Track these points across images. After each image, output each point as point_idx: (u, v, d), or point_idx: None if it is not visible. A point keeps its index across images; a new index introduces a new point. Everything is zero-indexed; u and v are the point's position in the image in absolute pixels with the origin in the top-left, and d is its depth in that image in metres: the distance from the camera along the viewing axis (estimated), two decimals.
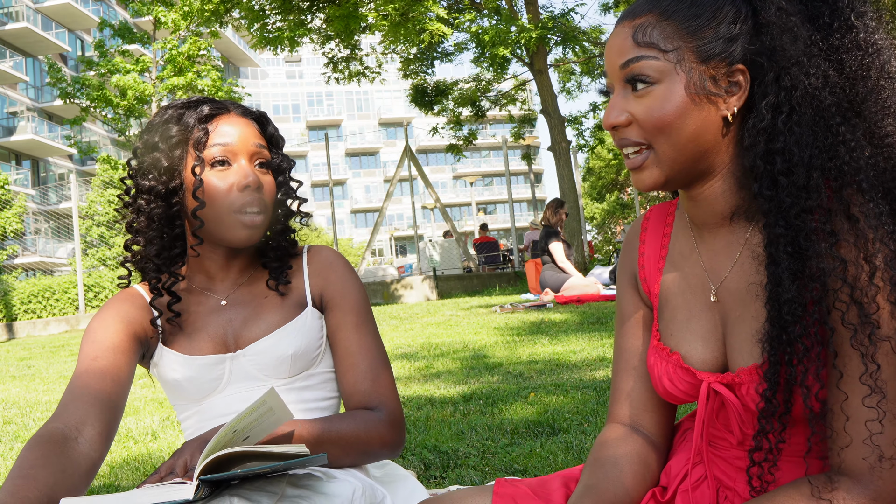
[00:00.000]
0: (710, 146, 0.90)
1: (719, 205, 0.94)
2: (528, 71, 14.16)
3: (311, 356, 1.31)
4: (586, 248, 14.69)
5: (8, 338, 10.79)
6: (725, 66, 0.88)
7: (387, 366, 1.34)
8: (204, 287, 1.35)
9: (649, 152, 0.91)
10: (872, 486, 0.80)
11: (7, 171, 31.12)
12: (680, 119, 0.88)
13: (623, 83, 0.92)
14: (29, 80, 35.19)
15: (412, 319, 7.17)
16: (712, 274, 0.97)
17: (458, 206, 52.45)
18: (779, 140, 0.85)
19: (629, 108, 0.91)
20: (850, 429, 0.82)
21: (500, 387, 3.38)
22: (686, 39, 0.88)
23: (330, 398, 1.35)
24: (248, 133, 1.30)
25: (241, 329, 1.31)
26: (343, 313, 1.33)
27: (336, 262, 1.38)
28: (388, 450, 1.28)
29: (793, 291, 0.83)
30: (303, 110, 56.20)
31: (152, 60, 19.46)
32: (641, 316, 1.08)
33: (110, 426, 1.18)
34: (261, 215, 1.27)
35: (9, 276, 15.66)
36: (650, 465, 1.03)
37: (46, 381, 5.24)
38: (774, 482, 0.91)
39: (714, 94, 0.88)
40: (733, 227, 0.95)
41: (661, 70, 0.88)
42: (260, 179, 1.28)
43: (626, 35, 0.91)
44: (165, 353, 1.31)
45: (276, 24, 13.25)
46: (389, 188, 14.03)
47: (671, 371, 0.99)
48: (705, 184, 0.94)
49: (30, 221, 27.32)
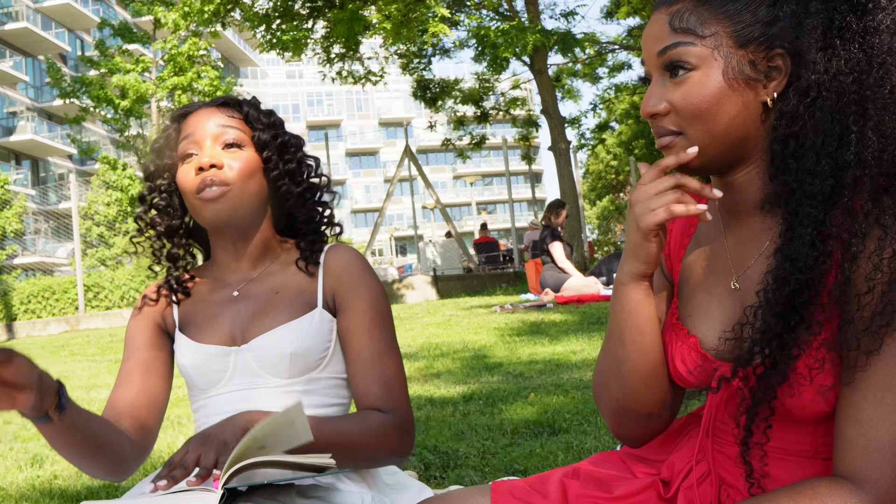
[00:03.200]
0: (747, 133, 0.89)
1: (751, 192, 0.93)
2: (529, 70, 14.17)
3: (315, 358, 1.29)
4: (586, 248, 14.69)
5: (7, 338, 10.78)
6: (764, 50, 0.86)
7: (400, 371, 1.32)
8: (220, 277, 1.38)
9: (679, 137, 0.91)
10: (874, 492, 0.79)
11: (7, 170, 31.09)
12: (717, 105, 0.87)
13: (661, 70, 0.91)
14: (29, 79, 35.19)
15: (412, 319, 7.17)
16: (736, 261, 0.97)
17: (458, 206, 52.43)
18: (797, 124, 0.84)
19: (667, 96, 0.90)
20: (855, 432, 0.81)
21: (500, 387, 3.38)
22: (723, 24, 0.87)
23: (335, 405, 1.32)
24: (212, 120, 1.32)
25: (249, 323, 1.31)
26: (354, 316, 1.31)
27: (353, 262, 1.36)
28: (397, 456, 1.27)
29: (785, 277, 0.83)
30: (303, 110, 56.19)
31: (152, 60, 19.45)
32: (663, 291, 1.08)
33: (151, 419, 1.35)
34: (216, 188, 1.27)
35: (8, 276, 15.65)
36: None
37: None
38: (768, 477, 0.91)
39: (753, 78, 0.87)
40: (763, 217, 0.93)
41: (698, 56, 0.88)
42: (221, 157, 1.29)
43: (663, 22, 0.90)
44: (179, 338, 1.35)
45: (282, 28, 13.23)
46: (389, 188, 14.03)
47: (685, 353, 0.98)
48: (740, 171, 0.92)
49: (30, 221, 27.33)
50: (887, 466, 0.79)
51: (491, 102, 16.71)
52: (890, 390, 0.79)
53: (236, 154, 1.31)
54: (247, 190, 1.30)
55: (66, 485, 2.37)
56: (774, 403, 0.87)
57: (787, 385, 0.85)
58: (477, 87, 15.94)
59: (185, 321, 1.37)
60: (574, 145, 15.80)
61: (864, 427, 0.80)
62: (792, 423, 0.90)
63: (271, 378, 1.28)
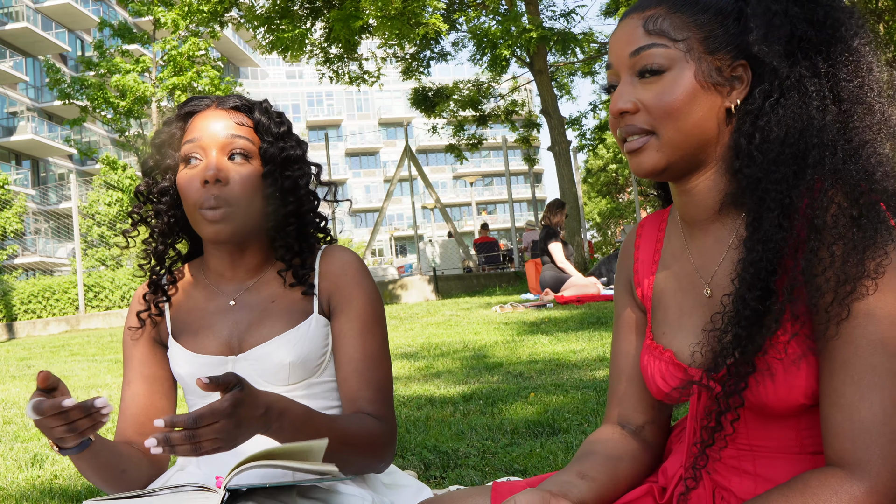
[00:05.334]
0: (711, 136, 0.93)
1: (711, 197, 0.97)
2: (529, 71, 14.17)
3: (314, 364, 1.28)
4: (586, 248, 14.69)
5: (8, 338, 10.79)
6: (730, 59, 0.92)
7: (390, 378, 1.31)
8: (215, 285, 1.34)
9: (651, 137, 0.93)
10: (865, 474, 0.80)
11: (7, 171, 31.10)
12: (688, 105, 0.91)
13: (631, 72, 0.95)
14: (29, 80, 35.18)
15: (412, 319, 7.17)
16: (703, 270, 1.00)
17: (458, 206, 52.42)
18: (762, 119, 0.90)
19: (637, 96, 0.93)
20: (839, 417, 0.82)
21: (500, 387, 3.38)
22: (694, 31, 0.92)
23: (333, 408, 1.32)
24: (221, 124, 1.26)
25: (245, 332, 1.30)
26: (348, 319, 1.29)
27: (349, 265, 1.33)
28: (378, 461, 1.25)
29: (758, 259, 0.87)
30: (303, 110, 56.18)
31: (152, 60, 19.45)
32: (636, 321, 1.11)
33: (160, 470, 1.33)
34: (219, 210, 1.22)
35: (9, 276, 15.66)
36: (643, 463, 1.04)
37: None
38: (762, 477, 0.92)
39: (720, 83, 0.92)
40: (723, 221, 0.97)
41: (671, 58, 0.92)
42: (227, 171, 1.23)
43: (636, 25, 0.94)
44: (174, 347, 1.33)
45: (280, 28, 13.22)
46: (389, 188, 14.03)
47: (664, 368, 1.00)
48: (700, 175, 0.96)
49: (30, 221, 27.33)
50: (874, 447, 0.80)
51: (491, 105, 16.70)
52: (867, 372, 0.81)
53: (242, 167, 1.25)
54: (251, 208, 1.25)
55: (67, 485, 2.37)
56: (746, 394, 0.89)
57: (759, 375, 0.88)
58: (475, 91, 15.92)
59: (178, 329, 1.34)
60: (574, 146, 15.79)
61: (846, 411, 0.82)
62: (772, 419, 0.92)
63: (270, 386, 1.27)
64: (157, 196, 1.33)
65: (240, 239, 1.27)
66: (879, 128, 0.91)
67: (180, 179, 1.26)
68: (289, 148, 1.30)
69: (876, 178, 0.86)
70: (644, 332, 1.09)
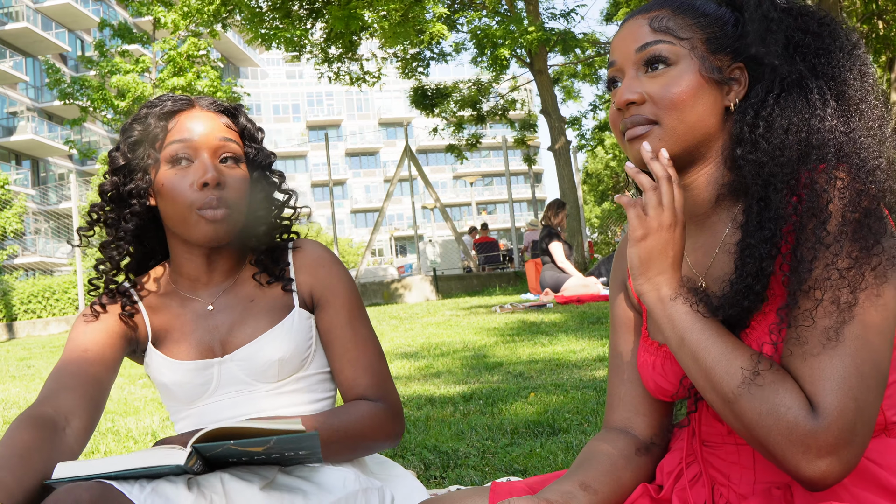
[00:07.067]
0: (711, 131, 0.97)
1: (709, 191, 1.00)
2: (529, 71, 14.16)
3: (300, 358, 1.29)
4: (586, 248, 14.68)
5: (8, 338, 10.79)
6: (729, 60, 0.97)
7: (382, 356, 1.34)
8: (189, 291, 1.32)
9: (654, 126, 0.96)
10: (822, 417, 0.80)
11: (7, 171, 31.08)
12: (693, 98, 0.95)
13: (637, 67, 0.98)
14: (29, 80, 35.18)
15: (412, 319, 7.17)
16: (697, 266, 1.02)
17: (458, 206, 52.42)
18: (765, 109, 0.93)
19: (643, 88, 0.97)
20: (804, 367, 0.82)
21: (500, 387, 3.38)
22: (697, 32, 0.98)
23: (322, 399, 1.33)
24: (212, 127, 1.25)
25: (228, 334, 1.29)
26: (335, 310, 1.31)
27: (323, 257, 1.34)
28: (391, 440, 1.28)
29: (756, 237, 0.89)
30: (303, 110, 56.16)
31: (152, 61, 19.44)
32: (632, 322, 1.12)
33: (93, 422, 1.20)
34: (221, 210, 1.22)
35: (9, 277, 15.66)
36: (645, 470, 1.04)
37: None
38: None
39: (721, 81, 0.96)
40: (719, 214, 1.00)
41: (677, 53, 0.96)
42: (224, 175, 1.24)
43: (643, 24, 0.99)
44: (154, 355, 1.31)
45: (279, 27, 13.20)
46: (389, 188, 14.02)
47: (660, 364, 1.01)
48: (699, 170, 0.99)
49: (30, 221, 27.34)
50: (838, 393, 0.80)
51: (490, 104, 16.68)
52: (833, 333, 0.82)
53: (235, 172, 1.26)
54: (242, 212, 1.27)
55: None
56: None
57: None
58: (475, 91, 15.91)
59: (157, 336, 1.32)
60: (574, 146, 15.78)
61: (812, 360, 0.82)
62: None
63: (259, 384, 1.28)
64: (128, 195, 1.27)
65: (228, 241, 1.27)
66: (879, 126, 0.93)
67: (167, 180, 1.23)
68: (270, 155, 1.35)
69: (877, 176, 0.88)
70: (640, 332, 1.10)
